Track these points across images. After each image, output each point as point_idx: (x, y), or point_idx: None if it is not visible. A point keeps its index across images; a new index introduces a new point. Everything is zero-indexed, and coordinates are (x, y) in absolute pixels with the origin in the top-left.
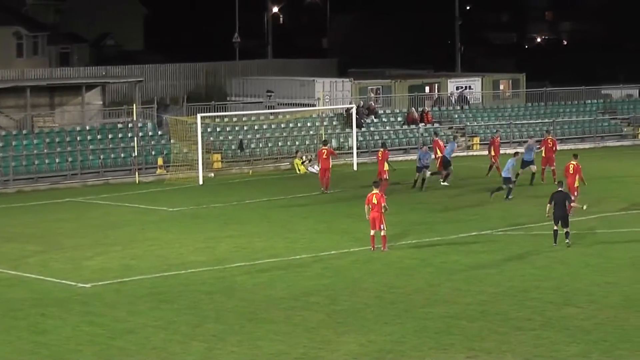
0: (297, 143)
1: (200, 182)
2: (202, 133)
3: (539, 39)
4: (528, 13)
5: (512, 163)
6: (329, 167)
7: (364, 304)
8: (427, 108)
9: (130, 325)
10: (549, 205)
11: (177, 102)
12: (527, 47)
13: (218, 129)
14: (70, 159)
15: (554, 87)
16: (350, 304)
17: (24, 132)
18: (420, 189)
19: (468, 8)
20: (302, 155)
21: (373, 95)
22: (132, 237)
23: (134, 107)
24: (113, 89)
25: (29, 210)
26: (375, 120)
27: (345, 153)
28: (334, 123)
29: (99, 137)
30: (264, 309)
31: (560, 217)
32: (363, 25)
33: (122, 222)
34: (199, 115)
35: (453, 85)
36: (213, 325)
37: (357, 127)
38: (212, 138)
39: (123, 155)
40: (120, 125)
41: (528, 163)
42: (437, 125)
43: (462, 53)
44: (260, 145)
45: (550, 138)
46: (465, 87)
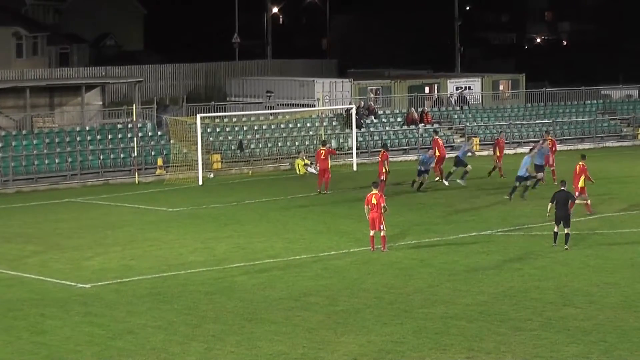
0: (297, 143)
1: (200, 182)
2: (201, 133)
3: (539, 40)
4: (527, 13)
5: (528, 160)
6: (328, 167)
7: (364, 305)
8: (426, 108)
9: (130, 326)
10: (551, 205)
11: (176, 102)
12: (526, 47)
13: (218, 130)
14: (70, 160)
15: (554, 87)
16: (350, 305)
17: (24, 132)
18: (418, 190)
19: (468, 8)
20: (304, 156)
21: (373, 96)
22: (131, 237)
23: (134, 107)
24: (113, 90)
25: (29, 211)
26: (375, 121)
27: (345, 153)
28: (334, 123)
29: (99, 137)
30: (264, 310)
31: (562, 217)
32: (363, 26)
33: (121, 222)
34: (199, 116)
35: (453, 86)
36: (212, 326)
37: (356, 127)
38: (211, 138)
39: (123, 156)
40: (120, 126)
41: (538, 168)
42: (437, 126)
43: (461, 53)
44: (260, 146)
45: (550, 138)
46: (465, 87)
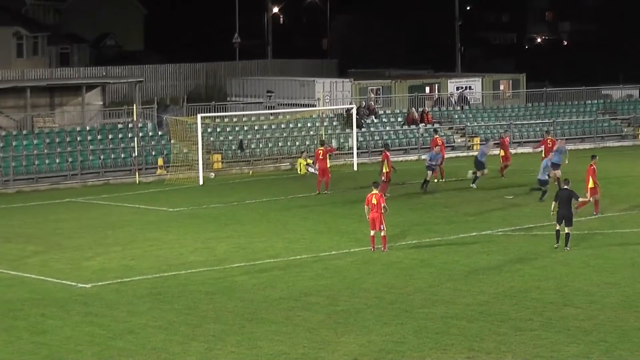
0: (297, 143)
1: (201, 182)
2: (202, 133)
3: (539, 40)
4: (528, 13)
5: (546, 163)
6: (327, 167)
7: (364, 305)
8: (427, 108)
9: (130, 326)
10: (554, 203)
11: (177, 102)
12: (527, 47)
13: (218, 130)
14: (71, 160)
15: (554, 87)
16: (350, 305)
17: (24, 132)
18: (425, 192)
19: (468, 8)
20: (306, 157)
21: (373, 96)
22: (132, 237)
23: (134, 107)
24: (113, 89)
25: (29, 211)
26: (376, 121)
27: (346, 153)
28: (334, 123)
29: (99, 137)
30: (264, 309)
31: (564, 216)
32: (363, 26)
33: (122, 222)
34: (199, 116)
35: (453, 86)
36: (213, 326)
37: (357, 127)
38: (212, 138)
39: (123, 156)
40: (121, 126)
41: (555, 166)
42: (437, 126)
43: (462, 53)
44: (260, 146)
45: (550, 138)
46: (466, 87)
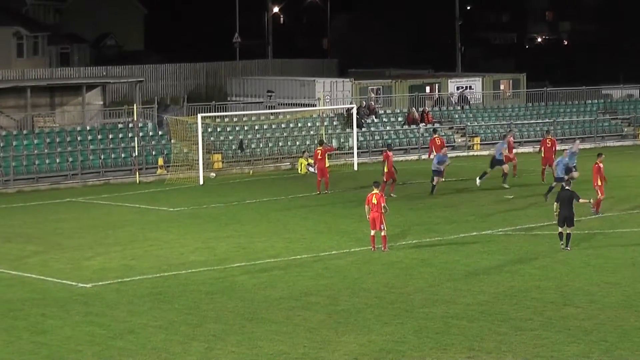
0: (297, 143)
1: (201, 182)
2: (202, 133)
3: (540, 39)
4: (528, 13)
5: (563, 161)
6: (325, 166)
7: (364, 304)
8: (427, 108)
9: (131, 325)
10: (556, 204)
11: (177, 102)
12: (527, 47)
13: (218, 129)
14: (71, 159)
15: (555, 87)
16: (351, 304)
17: (25, 132)
18: (430, 194)
19: (468, 8)
20: (307, 157)
21: (373, 95)
22: (132, 237)
23: (135, 107)
24: (113, 89)
25: (30, 211)
26: (376, 121)
27: (346, 153)
28: (335, 123)
29: (100, 137)
30: (264, 309)
31: (566, 216)
32: (363, 26)
33: (122, 222)
34: (200, 115)
35: (453, 86)
36: (213, 325)
37: (357, 127)
38: (212, 138)
39: (123, 156)
40: (121, 126)
41: (569, 170)
42: (437, 125)
43: (462, 53)
44: (261, 146)
45: (550, 138)
46: (466, 87)
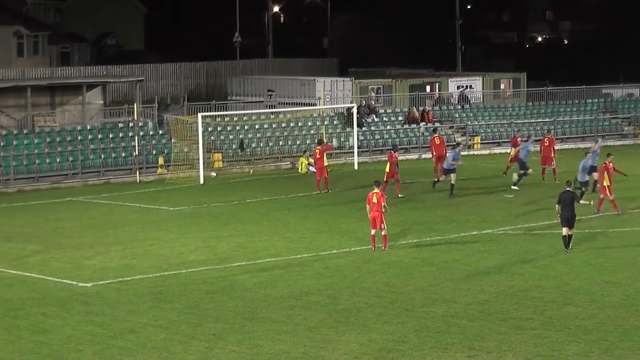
0: (297, 142)
1: (201, 181)
2: (202, 132)
3: (540, 39)
4: (529, 12)
5: (586, 164)
6: (324, 165)
7: (365, 303)
8: (427, 107)
9: (131, 325)
10: (558, 206)
11: (177, 101)
12: (527, 46)
13: (219, 129)
14: (71, 159)
15: (555, 86)
16: (351, 304)
17: (25, 131)
18: (450, 194)
19: (469, 7)
20: (308, 156)
21: (374, 95)
22: (132, 236)
23: (135, 106)
24: (114, 89)
25: (30, 210)
26: (376, 120)
27: (346, 152)
28: (335, 122)
29: (100, 136)
30: (265, 308)
31: (568, 217)
32: (364, 25)
33: (122, 221)
34: (200, 115)
35: (454, 85)
36: (213, 325)
37: (357, 126)
38: (212, 137)
39: (124, 155)
40: (121, 125)
41: (592, 169)
42: (437, 125)
43: (462, 52)
44: (261, 145)
45: (548, 137)
46: (466, 86)
